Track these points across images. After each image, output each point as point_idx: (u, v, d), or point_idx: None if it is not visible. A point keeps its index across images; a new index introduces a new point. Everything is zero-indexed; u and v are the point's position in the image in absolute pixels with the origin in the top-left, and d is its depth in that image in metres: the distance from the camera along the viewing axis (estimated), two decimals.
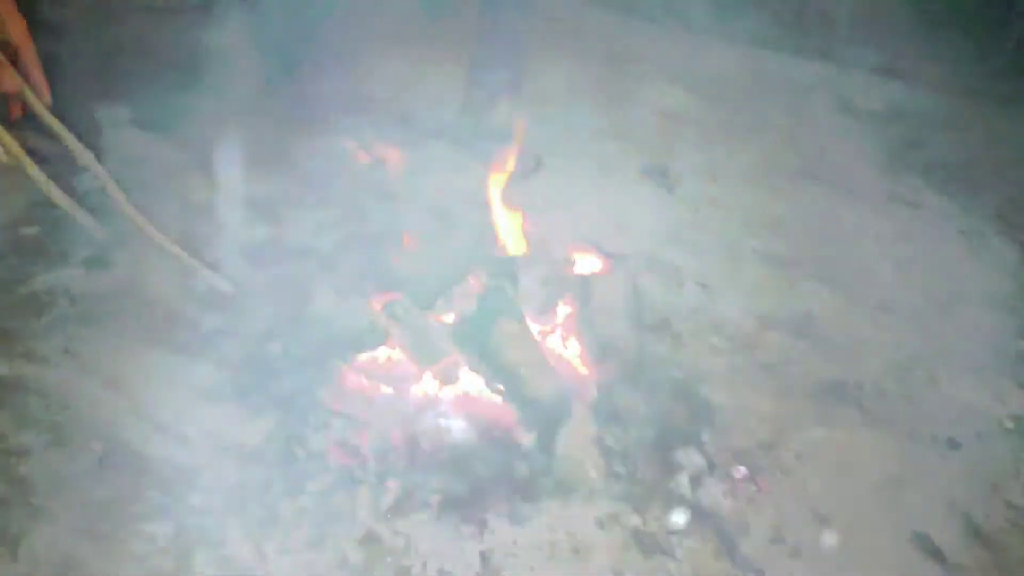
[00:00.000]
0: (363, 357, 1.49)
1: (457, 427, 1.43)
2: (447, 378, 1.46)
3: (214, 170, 1.97)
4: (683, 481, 1.49)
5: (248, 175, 2.12)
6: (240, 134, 2.09)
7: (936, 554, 1.49)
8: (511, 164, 2.33)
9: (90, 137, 1.66)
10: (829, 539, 1.47)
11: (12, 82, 1.35)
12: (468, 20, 2.40)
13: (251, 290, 1.72)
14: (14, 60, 1.37)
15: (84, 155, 1.56)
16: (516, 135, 2.45)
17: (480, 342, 1.45)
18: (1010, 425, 1.84)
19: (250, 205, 2.03)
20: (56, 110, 1.53)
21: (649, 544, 1.39)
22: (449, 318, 1.51)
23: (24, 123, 1.55)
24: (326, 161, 2.32)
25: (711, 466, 1.54)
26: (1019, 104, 4.16)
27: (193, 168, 2.10)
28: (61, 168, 1.64)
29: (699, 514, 1.46)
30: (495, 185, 1.80)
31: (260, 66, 2.22)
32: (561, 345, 1.62)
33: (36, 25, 1.44)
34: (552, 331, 1.62)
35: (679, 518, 1.42)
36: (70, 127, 1.57)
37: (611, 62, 3.67)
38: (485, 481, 1.40)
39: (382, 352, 1.50)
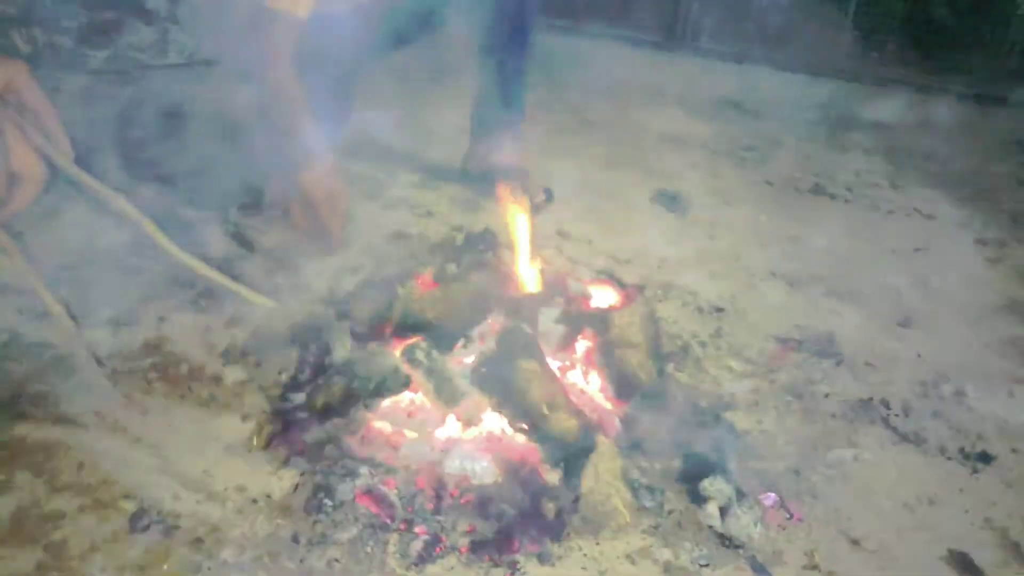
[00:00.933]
0: (386, 403, 1.50)
1: (482, 468, 1.43)
2: (470, 420, 1.46)
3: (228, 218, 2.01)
4: (712, 511, 1.47)
5: (262, 222, 2.17)
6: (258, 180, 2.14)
7: (974, 572, 1.46)
8: (522, 200, 2.37)
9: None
10: (864, 564, 1.45)
11: (27, 161, 1.11)
12: (470, 59, 2.43)
13: (271, 339, 1.75)
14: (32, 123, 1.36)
15: (115, 199, 1.59)
16: (524, 171, 2.49)
17: (501, 382, 1.45)
18: None
19: (267, 254, 2.07)
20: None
21: None
22: (469, 360, 1.52)
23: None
24: None
25: (739, 494, 1.52)
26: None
27: (211, 222, 2.15)
28: None
29: (730, 544, 1.44)
30: (508, 223, 1.82)
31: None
32: (582, 380, 1.62)
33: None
34: (572, 366, 1.62)
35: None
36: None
37: (614, 91, 3.71)
38: (513, 522, 1.39)
39: (405, 397, 1.50)
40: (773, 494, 1.56)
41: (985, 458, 1.72)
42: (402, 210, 2.42)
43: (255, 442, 1.50)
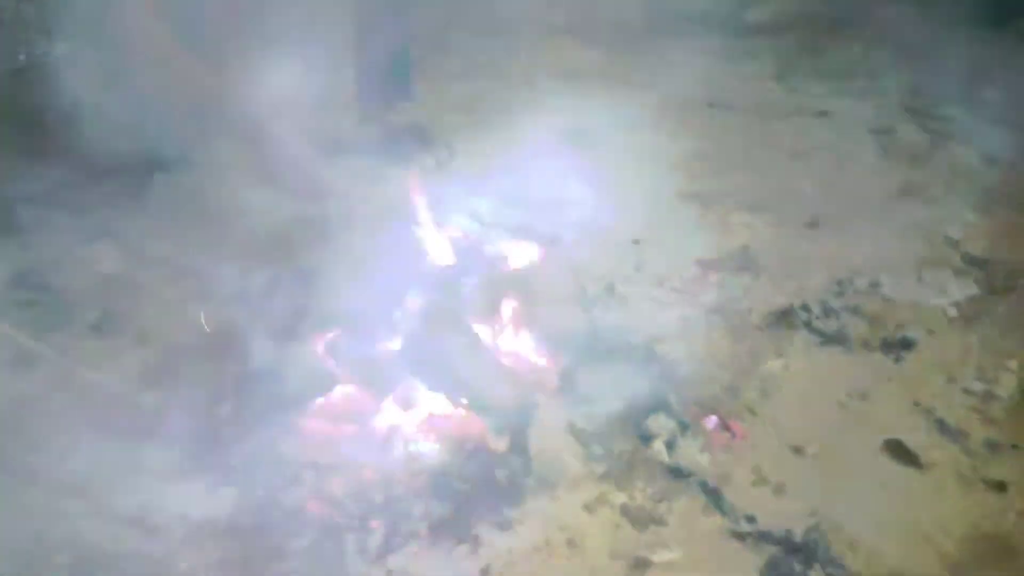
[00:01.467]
0: (318, 402, 1.45)
1: (428, 450, 1.41)
2: (407, 404, 1.44)
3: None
4: (659, 447, 1.50)
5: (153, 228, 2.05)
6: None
7: (910, 458, 1.54)
8: (426, 162, 2.30)
9: None
10: (809, 469, 1.50)
11: None
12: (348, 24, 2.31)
13: (181, 352, 1.67)
14: None
15: None
16: (421, 128, 2.40)
17: (432, 361, 1.42)
18: (954, 313, 1.90)
19: (159, 257, 1.96)
20: None
21: (639, 517, 1.41)
22: (396, 344, 1.48)
23: None
24: (232, 196, 2.24)
25: (683, 425, 1.55)
26: None
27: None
28: None
29: (680, 475, 1.48)
30: (414, 191, 1.76)
31: None
32: (513, 342, 1.60)
33: None
34: (501, 331, 1.60)
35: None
36: None
37: (503, 30, 3.61)
38: (468, 496, 1.39)
39: (336, 392, 1.46)
40: (714, 417, 1.59)
41: (906, 344, 1.80)
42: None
43: (186, 465, 1.43)
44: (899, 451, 1.56)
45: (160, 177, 2.16)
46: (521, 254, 1.77)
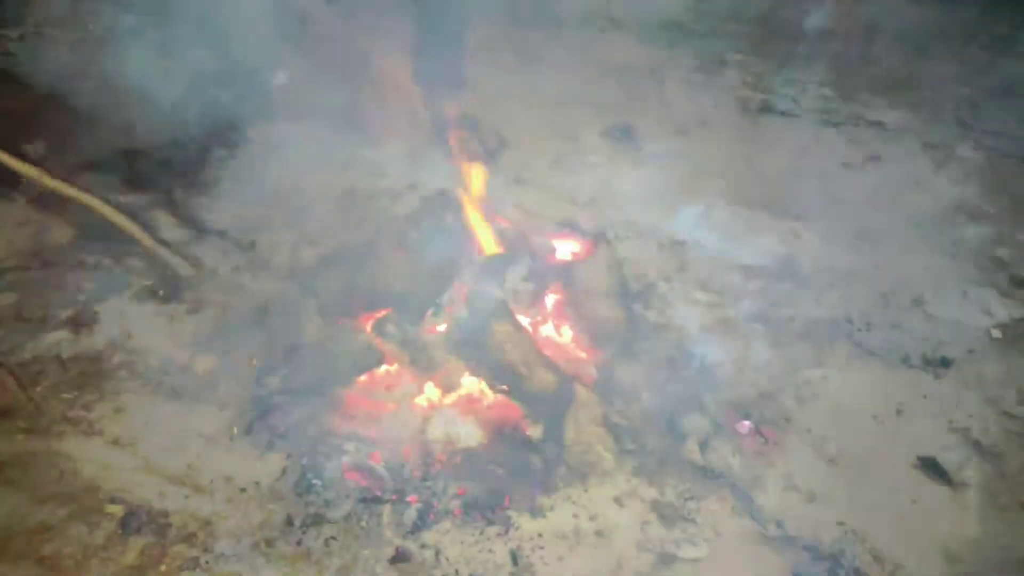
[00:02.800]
0: (363, 378, 1.50)
1: (466, 432, 1.45)
2: (449, 386, 1.48)
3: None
4: (692, 447, 1.52)
5: (209, 201, 2.11)
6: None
7: (942, 475, 1.54)
8: (474, 149, 2.33)
9: None
10: (840, 480, 1.51)
11: None
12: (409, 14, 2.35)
13: (235, 322, 1.72)
14: None
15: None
16: (473, 119, 2.44)
17: (476, 346, 1.46)
18: (998, 335, 1.89)
19: (215, 229, 2.02)
20: None
21: (669, 514, 1.43)
22: (441, 327, 1.52)
23: None
24: (288, 172, 2.30)
25: (716, 427, 1.57)
26: (962, 2, 4.16)
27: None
28: None
29: (712, 476, 1.50)
30: (464, 180, 1.79)
31: None
32: (555, 333, 1.63)
33: None
34: (544, 321, 1.64)
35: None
36: None
37: (558, 23, 3.63)
38: (502, 480, 1.43)
39: (381, 370, 1.50)
40: (748, 422, 1.61)
41: (945, 363, 1.79)
42: (354, 172, 2.36)
43: (235, 430, 1.49)
44: (932, 468, 1.56)
45: (219, 152, 2.22)
46: (566, 247, 1.79)
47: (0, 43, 3.25)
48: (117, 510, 1.36)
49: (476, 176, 1.78)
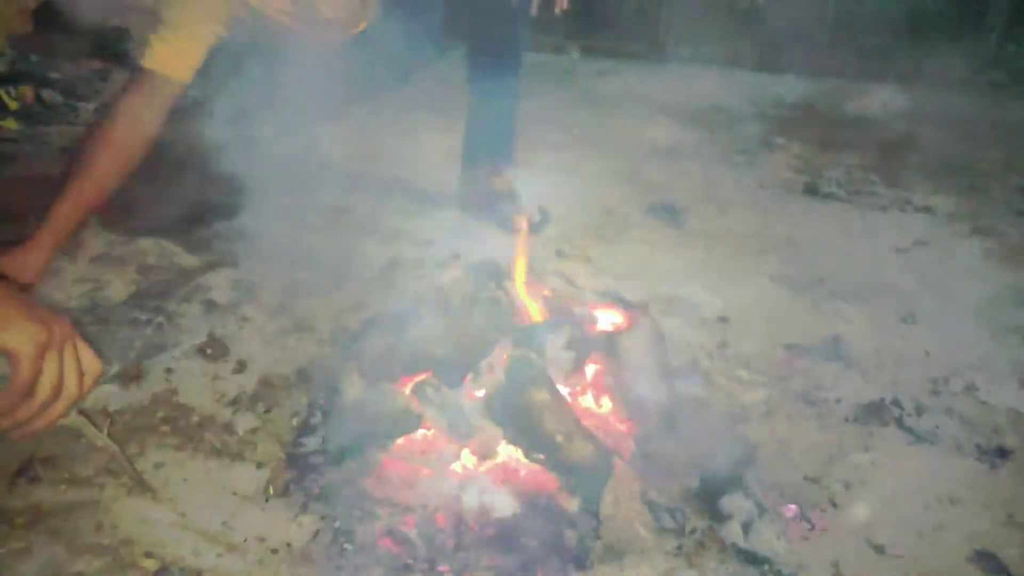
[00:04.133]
0: (400, 441, 1.50)
1: (501, 501, 1.43)
2: (485, 453, 1.46)
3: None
4: (734, 528, 1.47)
5: (262, 266, 2.17)
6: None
7: (1001, 572, 1.46)
8: (519, 225, 2.37)
9: None
10: (890, 571, 1.44)
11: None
12: (460, 85, 2.44)
13: (276, 382, 1.75)
14: None
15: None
16: (518, 193, 2.50)
17: (514, 413, 1.45)
18: None
19: (266, 293, 2.08)
20: None
21: None
22: (480, 393, 1.52)
23: None
24: (337, 241, 2.37)
25: (760, 509, 1.52)
26: (1010, 90, 4.17)
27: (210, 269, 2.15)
28: None
29: (754, 560, 1.44)
30: (507, 250, 1.82)
31: None
32: (594, 404, 1.62)
33: None
34: (583, 392, 1.62)
35: None
36: None
37: (601, 104, 3.73)
38: (536, 553, 1.39)
39: (418, 434, 1.50)
40: (793, 505, 1.55)
41: (1002, 453, 1.72)
42: (400, 241, 2.43)
43: (271, 490, 1.49)
44: (990, 564, 1.48)
45: (273, 220, 2.29)
46: (608, 319, 1.79)
47: (77, 114, 3.46)
48: (152, 564, 1.36)
49: (520, 247, 1.80)
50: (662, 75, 4.24)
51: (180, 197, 2.63)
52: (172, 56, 1.82)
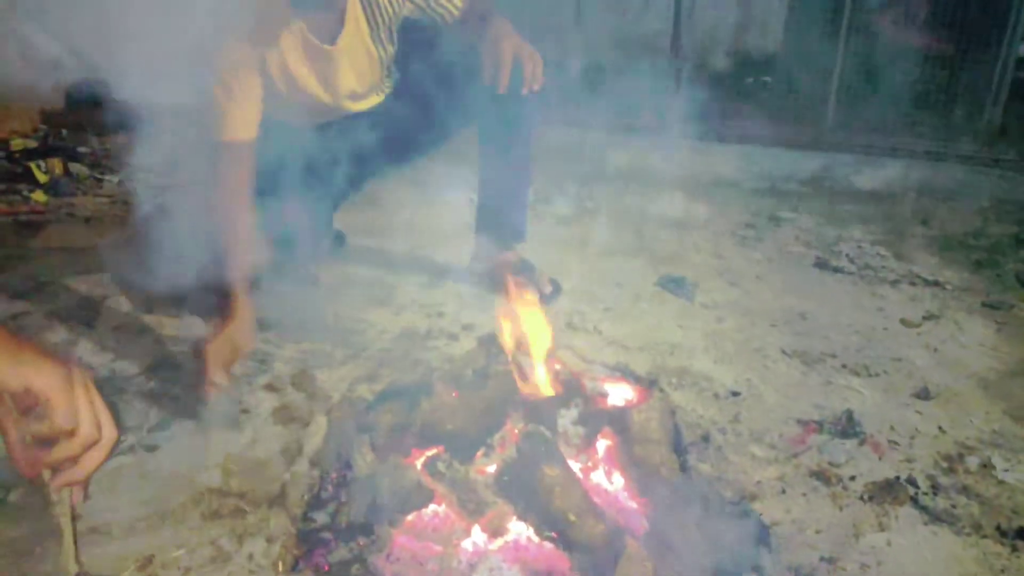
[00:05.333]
0: (411, 517, 1.49)
1: None
2: (496, 530, 1.45)
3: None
4: None
5: (277, 337, 2.19)
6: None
7: None
8: (530, 295, 2.41)
9: None
10: None
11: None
12: (472, 158, 2.51)
13: (292, 455, 1.75)
14: None
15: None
16: (530, 265, 2.53)
17: (525, 490, 1.45)
18: None
19: (280, 364, 2.10)
20: None
21: None
22: (491, 468, 1.51)
23: None
24: (351, 312, 2.40)
25: None
26: (1016, 166, 4.24)
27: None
28: None
29: None
30: (519, 322, 1.84)
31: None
32: (606, 481, 1.61)
33: None
34: (595, 467, 1.62)
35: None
36: None
37: (611, 177, 3.81)
38: None
39: (429, 510, 1.50)
40: None
41: (1022, 534, 1.68)
42: (413, 311, 2.45)
43: (280, 566, 1.48)
44: None
45: (288, 290, 2.33)
46: (619, 393, 1.80)
47: (102, 186, 3.57)
48: None
49: (531, 320, 1.83)
50: (670, 149, 4.32)
51: (198, 267, 2.69)
52: (242, 123, 1.94)
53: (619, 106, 5.03)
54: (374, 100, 2.33)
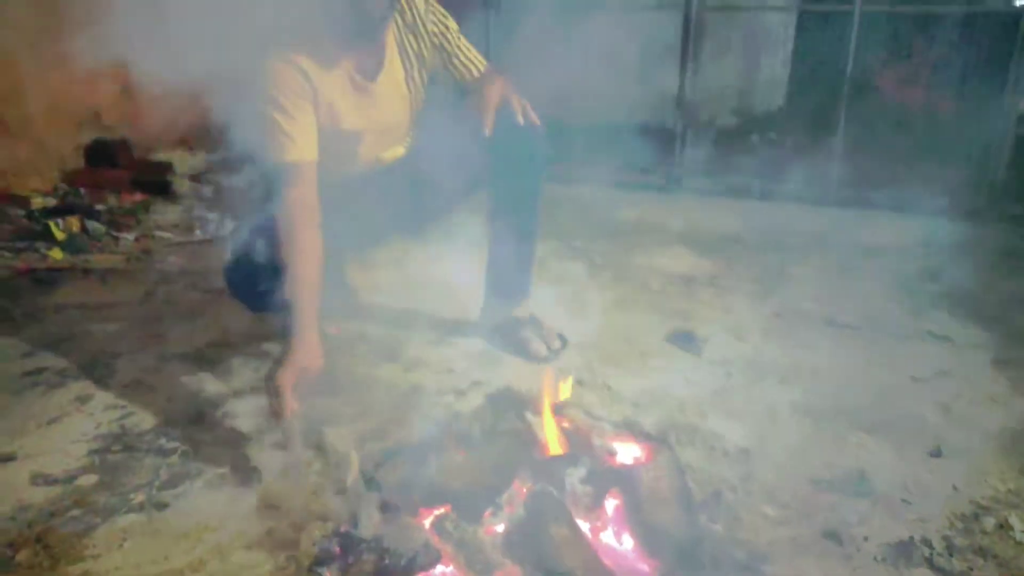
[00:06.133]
0: None
1: None
2: None
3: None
4: None
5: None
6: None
7: None
8: (539, 353, 2.42)
9: None
10: None
11: None
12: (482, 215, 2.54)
13: (300, 514, 1.75)
14: None
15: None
16: (537, 320, 2.55)
17: (533, 550, 1.44)
18: None
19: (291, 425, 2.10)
20: None
21: None
22: (500, 528, 1.51)
23: None
24: (360, 368, 2.42)
25: None
26: (1021, 220, 4.26)
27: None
28: None
29: None
30: (527, 379, 1.85)
31: None
32: (615, 540, 1.59)
33: None
34: (604, 527, 1.60)
35: None
36: None
37: (619, 233, 3.85)
38: None
39: (437, 570, 1.48)
40: None
41: None
42: (422, 369, 2.46)
43: None
44: None
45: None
46: (627, 451, 1.79)
47: (118, 243, 3.63)
48: None
49: (539, 377, 1.84)
50: (676, 205, 4.38)
51: (210, 324, 2.73)
52: (306, 145, 2.00)
53: (626, 163, 5.11)
54: (398, 151, 2.38)
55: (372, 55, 2.14)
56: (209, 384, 2.33)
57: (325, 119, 2.10)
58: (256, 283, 2.04)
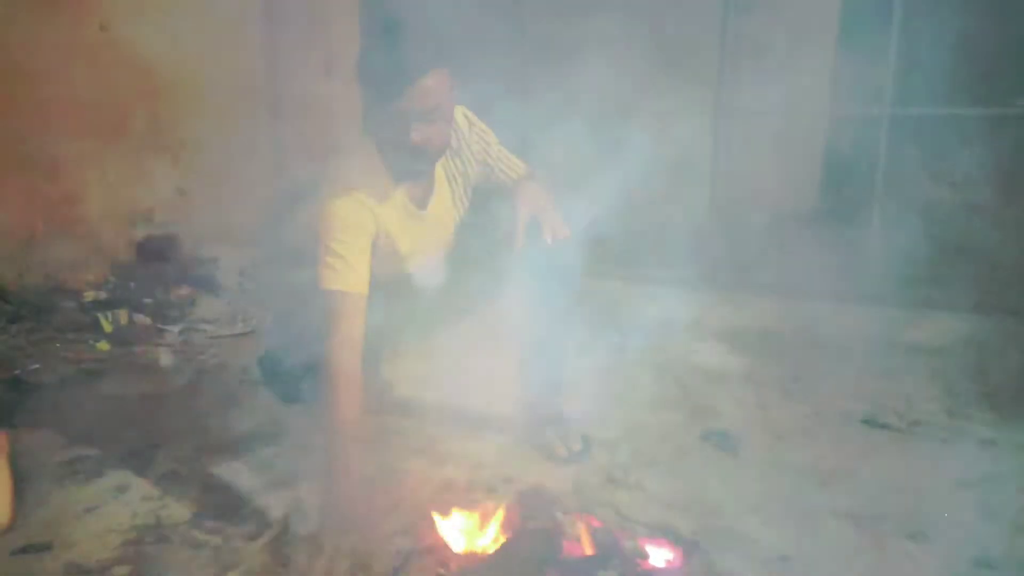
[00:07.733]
0: None
1: None
2: None
3: None
4: None
5: (320, 488, 2.21)
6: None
7: None
8: (560, 455, 2.41)
9: None
10: None
11: None
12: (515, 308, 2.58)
13: None
14: None
15: None
16: (564, 419, 2.55)
17: None
18: None
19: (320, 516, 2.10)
20: None
21: None
22: None
23: None
24: (390, 463, 2.42)
25: None
26: None
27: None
28: None
29: None
30: (557, 477, 1.84)
31: None
32: None
33: None
34: None
35: None
36: None
37: (653, 331, 3.86)
38: None
39: None
40: None
41: None
42: (451, 464, 2.46)
43: None
44: None
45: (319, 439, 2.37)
46: (659, 554, 1.75)
47: (163, 336, 3.75)
48: None
49: (566, 475, 1.82)
50: (711, 301, 4.38)
51: (246, 415, 2.78)
52: (358, 277, 2.04)
53: (658, 259, 5.16)
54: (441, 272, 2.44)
55: (423, 186, 2.25)
56: (243, 477, 2.35)
57: (383, 246, 2.19)
58: (287, 374, 2.08)
